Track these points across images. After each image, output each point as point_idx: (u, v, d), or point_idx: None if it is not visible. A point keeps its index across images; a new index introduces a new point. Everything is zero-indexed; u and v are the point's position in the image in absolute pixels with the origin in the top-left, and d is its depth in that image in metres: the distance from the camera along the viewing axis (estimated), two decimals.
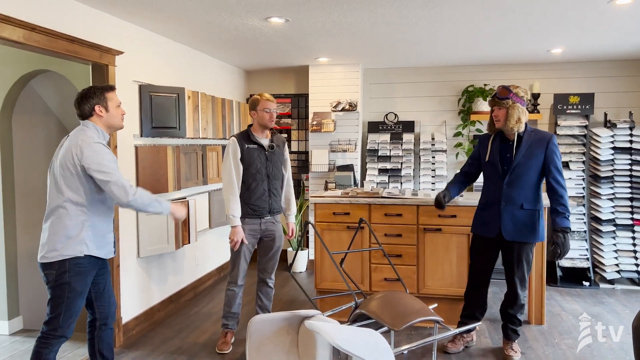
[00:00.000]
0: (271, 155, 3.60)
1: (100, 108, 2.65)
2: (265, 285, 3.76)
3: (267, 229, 3.65)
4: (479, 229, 3.45)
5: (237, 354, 3.60)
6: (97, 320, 2.78)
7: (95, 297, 2.75)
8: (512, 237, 3.28)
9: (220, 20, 3.80)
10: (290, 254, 5.94)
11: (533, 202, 3.28)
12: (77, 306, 2.59)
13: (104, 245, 2.67)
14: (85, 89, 2.68)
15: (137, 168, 3.94)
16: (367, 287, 4.11)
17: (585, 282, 5.17)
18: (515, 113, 3.19)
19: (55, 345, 2.58)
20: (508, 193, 3.28)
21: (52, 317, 2.56)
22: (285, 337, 2.83)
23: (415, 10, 3.54)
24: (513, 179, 3.26)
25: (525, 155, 3.24)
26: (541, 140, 3.25)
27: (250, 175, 3.55)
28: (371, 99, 6.15)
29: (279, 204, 3.72)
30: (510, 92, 3.22)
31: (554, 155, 3.23)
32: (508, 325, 3.48)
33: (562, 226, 3.16)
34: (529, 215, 3.27)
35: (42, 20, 2.99)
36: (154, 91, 4.10)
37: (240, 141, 3.55)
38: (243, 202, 3.56)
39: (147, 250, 4.06)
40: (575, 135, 5.44)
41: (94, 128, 2.63)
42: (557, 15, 3.67)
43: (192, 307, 4.64)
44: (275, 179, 3.64)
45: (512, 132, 3.26)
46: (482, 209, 3.45)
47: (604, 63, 5.59)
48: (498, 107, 3.26)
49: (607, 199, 5.26)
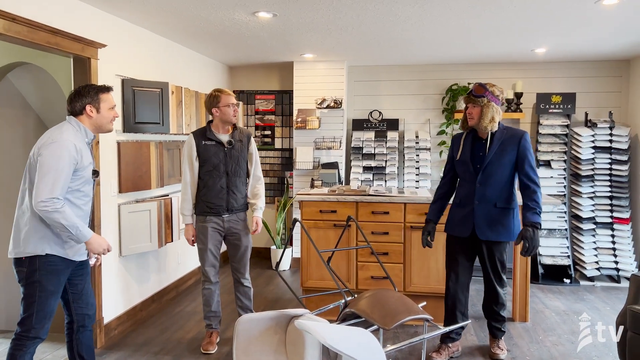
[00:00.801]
0: (231, 151, 3.52)
1: (91, 108, 2.58)
2: (241, 285, 3.69)
3: (231, 227, 3.57)
4: (453, 229, 3.38)
5: (222, 354, 3.54)
6: (75, 323, 2.69)
7: (72, 298, 2.67)
8: (486, 237, 3.23)
9: (206, 13, 3.72)
10: (274, 252, 5.89)
11: (507, 200, 3.23)
12: (50, 306, 2.51)
13: (74, 246, 2.55)
14: (80, 87, 2.61)
15: (119, 164, 3.84)
16: (353, 285, 4.09)
17: (566, 280, 5.25)
18: (489, 112, 3.15)
19: (29, 346, 2.50)
20: (481, 192, 3.23)
21: (25, 318, 2.48)
22: (273, 336, 2.80)
23: (405, 7, 3.52)
24: (486, 177, 3.21)
25: (497, 153, 3.19)
26: (513, 138, 3.20)
27: (206, 172, 3.49)
28: (356, 97, 6.14)
29: (240, 201, 3.59)
30: (486, 90, 3.17)
31: (526, 152, 3.19)
32: (492, 324, 3.47)
33: (532, 221, 3.10)
34: (502, 213, 3.23)
35: (23, 11, 2.88)
36: (137, 86, 4.00)
37: (197, 138, 3.49)
38: (201, 199, 3.51)
39: (129, 249, 3.97)
40: (557, 134, 5.51)
41: (76, 125, 2.55)
42: (544, 14, 3.70)
43: (175, 306, 4.56)
44: (236, 176, 3.55)
45: (486, 131, 3.21)
46: (456, 208, 3.39)
47: (585, 63, 5.68)
48: (473, 104, 3.20)
49: (588, 197, 5.34)
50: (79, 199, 2.55)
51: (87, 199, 2.62)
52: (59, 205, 2.38)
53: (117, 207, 3.86)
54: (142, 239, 4.08)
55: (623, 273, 5.18)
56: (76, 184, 2.51)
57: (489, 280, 3.36)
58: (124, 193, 3.91)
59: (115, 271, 3.87)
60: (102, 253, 2.57)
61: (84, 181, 2.55)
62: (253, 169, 3.70)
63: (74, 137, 2.50)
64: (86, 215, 2.64)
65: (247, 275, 3.70)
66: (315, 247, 3.08)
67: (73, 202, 2.52)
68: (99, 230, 3.61)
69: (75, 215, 2.50)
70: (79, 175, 2.50)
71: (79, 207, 2.56)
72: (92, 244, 2.52)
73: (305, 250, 4.16)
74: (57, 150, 2.41)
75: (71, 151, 2.44)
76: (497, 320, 3.45)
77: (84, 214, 2.61)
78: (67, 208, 2.42)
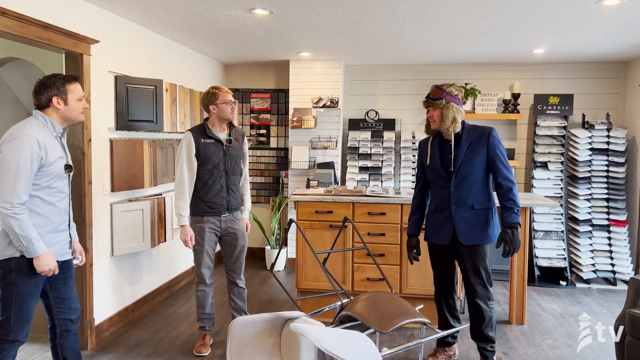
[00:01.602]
0: (229, 150, 3.47)
1: (58, 100, 2.46)
2: (236, 286, 3.63)
3: (228, 227, 3.51)
4: (431, 236, 3.25)
5: (216, 357, 3.49)
6: (57, 327, 2.60)
7: (54, 303, 2.58)
8: (469, 241, 3.07)
9: (201, 9, 3.66)
10: (269, 253, 5.83)
11: (483, 201, 3.10)
12: (28, 309, 2.43)
13: (50, 245, 2.44)
14: (45, 77, 2.48)
15: (111, 163, 3.77)
16: (349, 287, 4.04)
17: (563, 282, 5.22)
18: (449, 113, 3.02)
19: (9, 350, 2.42)
20: (457, 195, 3.09)
21: (3, 320, 2.41)
22: (267, 339, 2.75)
23: (403, 6, 3.48)
24: (459, 180, 3.07)
25: (467, 154, 3.06)
26: (481, 137, 3.07)
27: (207, 171, 3.41)
28: (352, 96, 6.09)
29: (238, 200, 3.57)
30: (443, 92, 3.04)
31: (496, 149, 3.05)
32: (480, 346, 3.19)
33: (511, 222, 2.97)
34: (481, 215, 3.09)
35: (13, 5, 2.81)
36: (130, 82, 3.93)
37: (196, 136, 3.40)
38: (200, 199, 3.43)
39: (122, 249, 3.90)
40: (554, 135, 5.48)
41: (42, 119, 2.44)
42: (543, 14, 3.66)
43: (168, 307, 4.49)
44: (234, 175, 3.51)
45: (449, 133, 3.09)
46: (432, 215, 3.25)
47: (583, 64, 5.65)
48: (432, 107, 3.08)
49: (585, 199, 5.32)
50: (52, 196, 2.45)
51: (62, 195, 2.51)
52: (17, 211, 2.28)
53: (109, 206, 3.79)
54: (135, 238, 4.01)
55: (619, 276, 5.15)
56: (45, 181, 2.41)
57: (471, 292, 3.11)
58: (116, 192, 3.84)
59: (106, 271, 3.80)
60: (46, 273, 2.41)
61: (54, 177, 2.44)
62: (245, 168, 3.66)
63: (38, 132, 2.38)
64: (63, 212, 2.54)
65: (242, 276, 3.64)
66: (311, 247, 3.03)
67: (45, 199, 2.42)
68: (91, 229, 3.54)
69: (40, 213, 2.40)
70: (46, 171, 2.40)
71: (53, 204, 2.46)
72: (40, 260, 2.37)
73: (301, 251, 4.11)
74: (18, 147, 2.31)
75: (33, 147, 2.33)
76: (485, 342, 3.16)
77: (60, 211, 2.51)
78: (26, 217, 2.31)
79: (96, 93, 3.58)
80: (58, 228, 2.51)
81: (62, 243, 2.54)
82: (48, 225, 2.45)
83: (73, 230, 2.69)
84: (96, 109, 3.59)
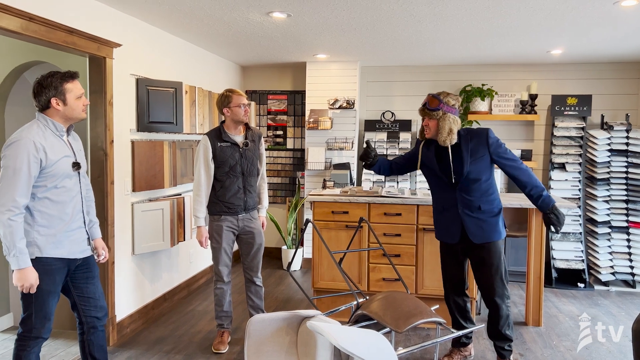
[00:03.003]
0: (246, 152, 3.54)
1: (57, 101, 2.43)
2: (253, 284, 3.69)
3: (245, 226, 3.58)
4: (440, 236, 3.26)
5: (233, 354, 3.55)
6: (84, 324, 2.66)
7: (78, 301, 2.63)
8: (481, 239, 3.07)
9: (220, 14, 3.73)
10: (285, 252, 5.89)
11: (490, 200, 3.10)
12: (48, 306, 2.47)
13: (65, 244, 2.48)
14: (42, 77, 2.45)
15: (133, 163, 3.86)
16: (365, 286, 4.07)
17: (580, 284, 5.18)
18: (446, 125, 2.98)
19: (32, 346, 2.48)
20: (463, 198, 3.09)
21: (25, 317, 2.47)
22: (284, 337, 2.79)
23: (420, 7, 3.50)
24: (466, 185, 3.07)
25: (472, 163, 3.04)
26: (480, 141, 3.05)
27: (224, 173, 3.49)
28: (368, 97, 6.12)
29: (255, 200, 3.65)
30: (440, 102, 3.00)
31: (498, 149, 3.04)
32: (497, 344, 3.21)
33: (550, 205, 2.98)
34: (488, 214, 3.08)
35: (41, 10, 2.91)
36: (151, 85, 4.02)
37: (212, 140, 3.47)
38: (218, 199, 3.51)
39: (142, 247, 3.99)
40: (572, 136, 5.45)
41: (43, 121, 2.45)
42: (560, 15, 3.66)
43: (187, 305, 4.57)
44: (251, 176, 3.58)
45: (445, 144, 3.04)
46: (439, 215, 3.24)
47: (601, 65, 5.60)
48: (428, 117, 3.05)
49: (603, 201, 5.27)
50: (61, 196, 2.46)
51: (72, 193, 2.51)
52: (12, 215, 2.29)
53: (130, 206, 3.88)
54: (155, 237, 4.10)
55: (639, 278, 5.10)
56: (52, 182, 2.41)
57: (488, 291, 3.11)
58: (137, 192, 3.93)
59: (128, 269, 3.89)
60: (22, 289, 2.35)
61: (60, 176, 2.44)
62: (262, 168, 3.73)
63: (36, 134, 2.38)
64: (76, 210, 2.54)
65: (259, 274, 3.70)
66: (327, 247, 3.06)
67: (53, 199, 2.43)
68: (113, 228, 3.63)
69: (53, 212, 2.42)
70: (50, 172, 2.40)
71: (63, 203, 2.47)
72: (20, 274, 2.32)
73: (317, 251, 4.15)
74: (15, 150, 2.32)
75: (30, 150, 2.33)
76: (503, 341, 3.19)
77: (71, 210, 2.51)
78: (18, 225, 2.30)
79: (118, 95, 3.68)
80: (71, 226, 2.52)
81: (78, 241, 2.56)
82: (60, 224, 2.47)
83: (95, 227, 2.72)
84: (118, 110, 3.69)
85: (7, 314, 3.99)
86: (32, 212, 2.39)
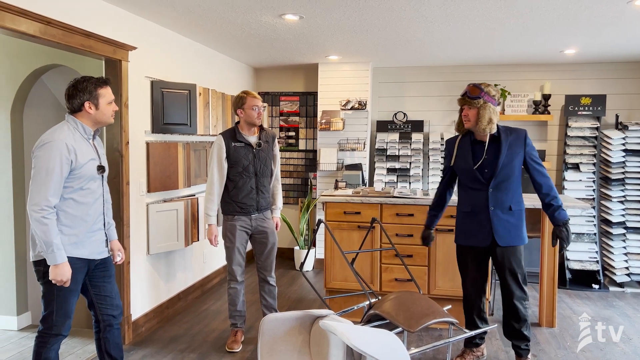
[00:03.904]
0: (259, 153, 3.58)
1: (90, 105, 2.52)
2: (267, 284, 3.73)
3: (258, 226, 3.62)
4: (467, 239, 3.21)
5: (247, 353, 3.58)
6: (100, 322, 2.71)
7: (95, 299, 2.68)
8: (506, 242, 3.08)
9: (234, 16, 3.77)
10: (297, 253, 5.92)
11: (518, 202, 3.12)
12: (69, 304, 2.53)
13: (86, 245, 2.55)
14: (77, 80, 2.53)
15: (148, 164, 3.92)
16: (377, 287, 4.09)
17: (595, 285, 5.14)
18: (486, 114, 2.99)
19: (52, 343, 2.54)
20: (495, 197, 3.07)
21: (46, 315, 2.52)
22: (297, 336, 2.81)
23: (431, 8, 3.51)
24: (499, 182, 3.06)
25: (508, 156, 3.05)
26: (518, 138, 3.08)
27: (237, 173, 3.53)
28: (380, 98, 6.13)
29: (268, 200, 3.68)
30: (481, 91, 3.01)
31: (532, 151, 3.09)
32: (514, 344, 3.23)
33: (564, 219, 3.01)
34: (516, 216, 3.10)
35: (59, 15, 2.97)
36: (165, 87, 4.08)
37: (227, 140, 3.53)
38: (230, 199, 3.56)
39: (157, 247, 4.04)
40: (586, 137, 5.41)
41: (72, 123, 2.52)
42: (573, 15, 3.64)
43: (201, 304, 4.62)
44: (264, 176, 3.61)
45: (484, 134, 3.06)
46: (467, 217, 3.20)
47: (616, 64, 5.56)
48: (468, 106, 3.05)
49: (618, 201, 5.22)
50: (86, 197, 2.53)
51: (96, 195, 2.58)
52: (46, 214, 2.36)
53: (145, 206, 3.94)
54: (169, 237, 4.15)
55: None
56: (78, 183, 2.48)
57: (508, 293, 3.14)
58: (152, 193, 3.98)
59: (143, 269, 3.95)
60: (58, 282, 2.43)
61: (86, 179, 2.51)
62: (276, 169, 3.76)
63: (67, 136, 2.45)
64: (98, 212, 2.61)
65: (272, 274, 3.74)
66: (340, 248, 3.08)
67: (78, 200, 2.49)
68: (128, 229, 3.69)
69: (75, 213, 2.48)
70: (77, 174, 2.47)
71: (87, 204, 2.53)
72: (57, 269, 2.40)
73: (329, 251, 4.17)
74: (48, 151, 2.39)
75: (62, 151, 2.40)
76: (520, 340, 3.20)
77: (94, 212, 2.58)
78: (52, 222, 2.37)
79: (133, 97, 3.73)
80: (93, 228, 2.59)
81: (98, 242, 2.63)
82: (83, 225, 2.53)
83: (112, 229, 2.79)
84: (133, 112, 3.74)
85: (25, 312, 4.07)
86: (57, 212, 2.45)
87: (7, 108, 3.95)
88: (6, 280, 3.99)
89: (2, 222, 3.98)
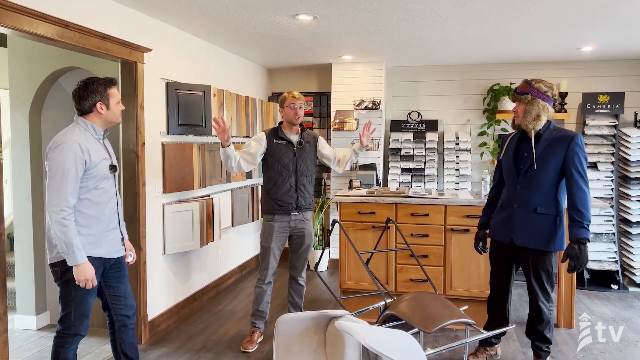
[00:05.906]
0: (300, 152, 3.62)
1: (101, 105, 2.55)
2: (296, 282, 3.79)
3: (297, 227, 3.66)
4: (494, 233, 3.22)
5: (262, 352, 3.59)
6: (115, 323, 2.74)
7: (109, 299, 2.71)
8: (523, 243, 3.02)
9: (247, 17, 3.78)
10: (312, 253, 5.91)
11: (550, 206, 2.98)
12: (86, 304, 2.56)
13: (103, 244, 2.57)
14: (85, 82, 2.55)
15: (163, 165, 3.95)
16: (392, 287, 4.07)
17: (614, 285, 5.06)
18: (533, 109, 2.95)
19: (71, 343, 2.57)
20: (521, 195, 3.03)
21: (64, 315, 2.55)
22: (312, 336, 2.81)
23: (446, 6, 3.49)
24: (527, 179, 3.00)
25: (543, 154, 2.95)
26: (563, 139, 2.94)
27: (277, 171, 3.58)
28: (394, 98, 6.10)
29: (308, 200, 3.70)
30: (530, 87, 2.97)
31: (575, 156, 2.89)
32: (535, 344, 3.19)
33: (578, 237, 2.83)
34: (544, 220, 2.98)
35: (76, 18, 3.01)
36: (180, 89, 4.10)
37: (269, 137, 3.62)
38: (270, 197, 3.60)
39: (173, 248, 4.07)
40: (604, 135, 5.33)
41: (83, 125, 2.55)
42: (591, 12, 3.59)
43: (216, 304, 4.64)
44: (304, 175, 3.65)
45: (529, 130, 3.00)
46: (497, 212, 3.22)
47: (634, 62, 5.47)
48: (518, 102, 3.04)
49: (637, 200, 5.13)
50: (100, 197, 2.55)
51: (109, 195, 2.60)
52: (65, 215, 2.38)
53: (161, 207, 3.97)
54: (185, 238, 4.18)
55: None
56: (92, 183, 2.51)
57: (532, 292, 3.10)
58: (167, 193, 4.01)
59: (159, 269, 3.98)
60: (82, 284, 2.45)
61: (100, 178, 2.54)
62: (332, 153, 3.81)
63: (80, 137, 2.48)
64: (112, 211, 2.63)
65: (303, 274, 3.80)
66: (355, 248, 3.08)
67: (93, 200, 2.52)
68: (144, 229, 3.71)
69: (91, 213, 2.50)
70: (91, 173, 2.49)
71: (102, 204, 2.56)
72: (79, 269, 2.42)
73: (344, 252, 4.16)
74: (62, 152, 2.41)
75: (76, 152, 2.43)
76: (541, 341, 3.16)
77: (109, 211, 2.60)
78: (71, 224, 2.39)
79: (149, 99, 3.76)
80: (109, 227, 2.62)
81: (114, 241, 2.66)
82: (99, 224, 2.56)
83: (124, 228, 2.80)
84: (149, 114, 3.77)
85: (44, 312, 4.13)
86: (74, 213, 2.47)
87: (26, 110, 4.01)
88: (25, 280, 4.05)
89: (21, 222, 4.04)
